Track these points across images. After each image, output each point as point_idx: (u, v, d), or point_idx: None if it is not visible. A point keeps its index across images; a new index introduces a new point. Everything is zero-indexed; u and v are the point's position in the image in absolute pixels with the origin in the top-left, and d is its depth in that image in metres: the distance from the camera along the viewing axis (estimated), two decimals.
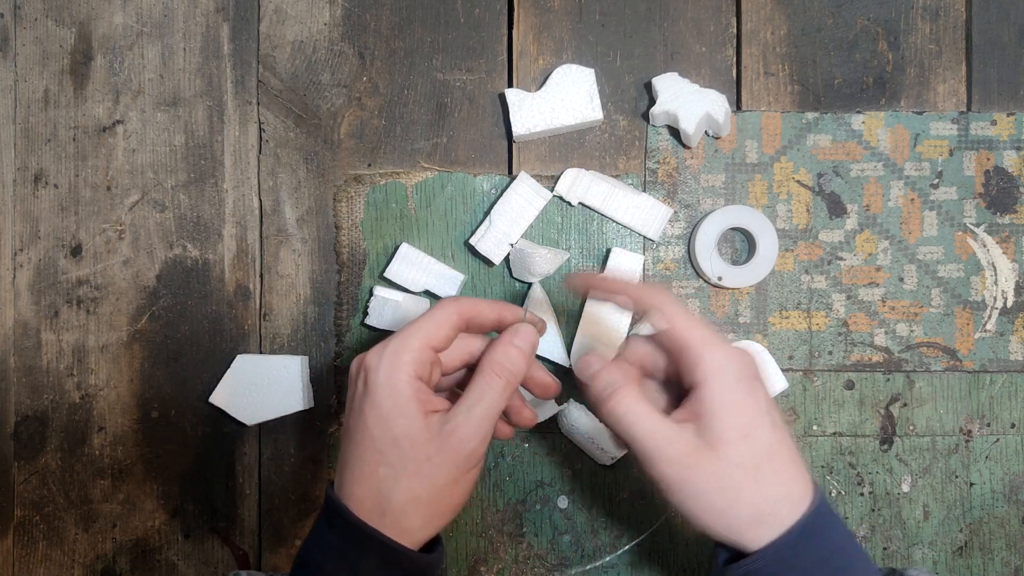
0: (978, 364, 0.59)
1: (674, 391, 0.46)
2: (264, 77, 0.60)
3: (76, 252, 0.60)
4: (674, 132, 0.59)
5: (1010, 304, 0.59)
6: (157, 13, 0.60)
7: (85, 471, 0.60)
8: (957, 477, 0.59)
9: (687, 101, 0.57)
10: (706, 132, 0.59)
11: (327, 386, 0.60)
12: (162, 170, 0.60)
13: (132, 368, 0.60)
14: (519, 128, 0.58)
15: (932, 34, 0.60)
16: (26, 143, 0.60)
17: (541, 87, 0.58)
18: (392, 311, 0.58)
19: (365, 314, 0.59)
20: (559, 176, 0.58)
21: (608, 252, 0.59)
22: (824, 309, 0.59)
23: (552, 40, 0.60)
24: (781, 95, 0.60)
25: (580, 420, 0.58)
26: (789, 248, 0.59)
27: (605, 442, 0.58)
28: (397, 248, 0.58)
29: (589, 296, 0.48)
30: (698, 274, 0.59)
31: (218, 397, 0.58)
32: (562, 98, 0.58)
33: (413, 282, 0.58)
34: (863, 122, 0.59)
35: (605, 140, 0.60)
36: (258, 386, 0.58)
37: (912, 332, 0.59)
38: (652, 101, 0.58)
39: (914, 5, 0.60)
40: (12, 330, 0.60)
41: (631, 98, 0.60)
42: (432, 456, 0.41)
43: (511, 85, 0.60)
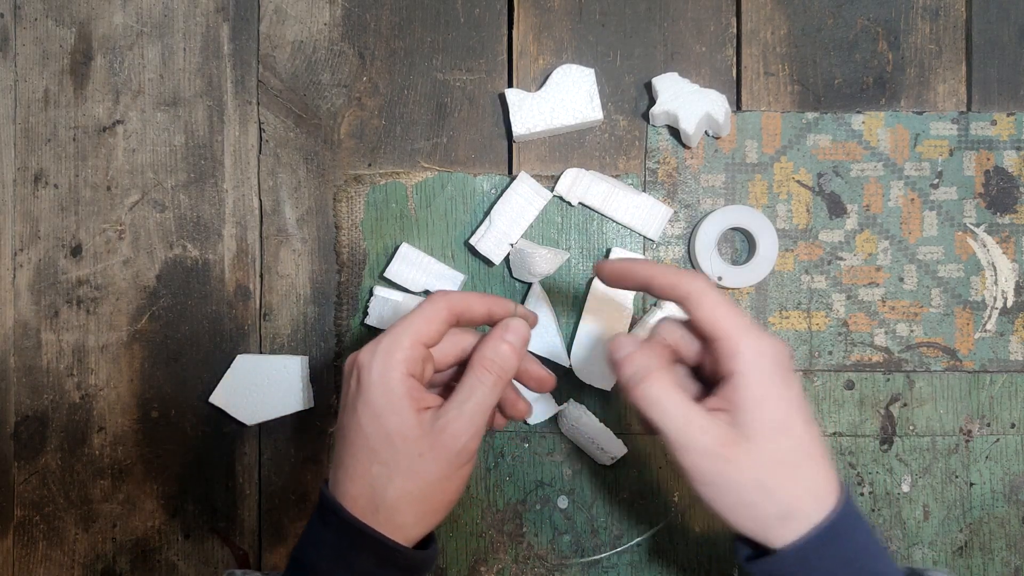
0: (978, 364, 0.59)
1: (705, 378, 0.45)
2: (264, 77, 0.60)
3: (76, 252, 0.60)
4: (674, 132, 0.59)
5: (1010, 304, 0.59)
6: (157, 13, 0.60)
7: (85, 471, 0.60)
8: (957, 477, 0.59)
9: (687, 101, 0.57)
10: (706, 132, 0.59)
11: (327, 386, 0.60)
12: (162, 170, 0.60)
13: (132, 368, 0.60)
14: (519, 128, 0.58)
15: (932, 34, 0.60)
16: (26, 143, 0.60)
17: (541, 87, 0.58)
18: (392, 311, 0.58)
19: (365, 314, 0.59)
20: (559, 176, 0.58)
21: (608, 252, 0.59)
22: (824, 309, 0.59)
23: (552, 40, 0.60)
24: (781, 95, 0.60)
25: (580, 420, 0.58)
26: (789, 248, 0.59)
27: (605, 442, 0.58)
28: (397, 248, 0.58)
29: (617, 284, 0.46)
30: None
31: (218, 397, 0.58)
32: (562, 98, 0.58)
33: (413, 282, 0.58)
34: (863, 122, 0.59)
35: (605, 140, 0.60)
36: (258, 386, 0.58)
37: (912, 332, 0.59)
38: (652, 101, 0.58)
39: (914, 5, 0.60)
40: (12, 330, 0.60)
41: (631, 98, 0.60)
42: (425, 453, 0.41)
43: (511, 85, 0.60)
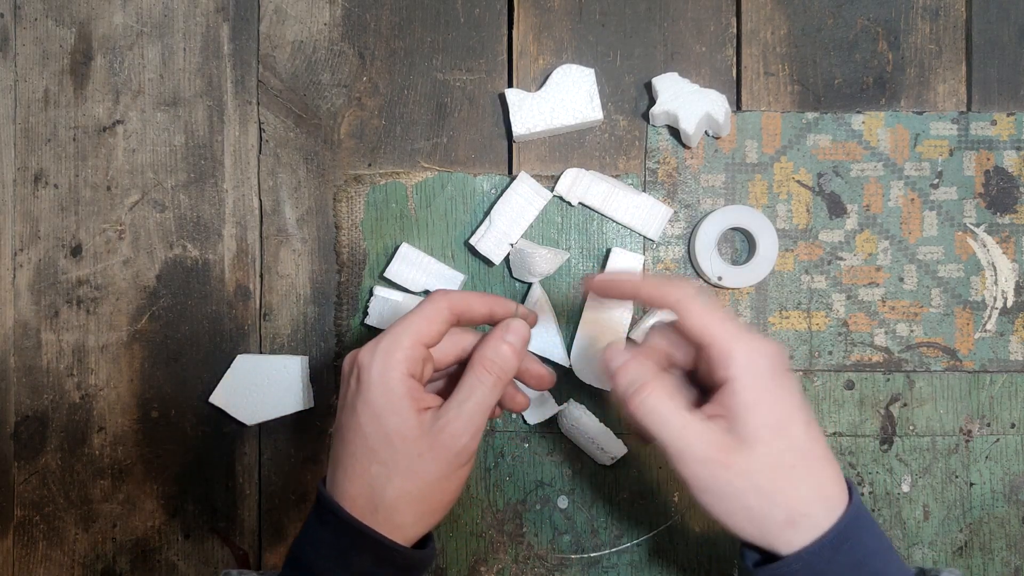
0: (978, 364, 0.59)
1: (699, 385, 0.45)
2: (264, 77, 0.60)
3: (76, 252, 0.60)
4: (674, 132, 0.59)
5: (1010, 304, 0.59)
6: (157, 13, 0.60)
7: (85, 471, 0.60)
8: (957, 477, 0.59)
9: (687, 101, 0.57)
10: (706, 132, 0.59)
11: (327, 386, 0.60)
12: (162, 170, 0.60)
13: (132, 368, 0.60)
14: (519, 128, 0.58)
15: (932, 34, 0.60)
16: (26, 143, 0.60)
17: (541, 87, 0.58)
18: (392, 311, 0.58)
19: (365, 314, 0.59)
20: (559, 176, 0.58)
21: (608, 252, 0.59)
22: (824, 309, 0.59)
23: (552, 40, 0.60)
24: (781, 95, 0.60)
25: (580, 420, 0.58)
26: (789, 248, 0.59)
27: (605, 442, 0.58)
28: (397, 248, 0.58)
29: (605, 297, 0.46)
30: (698, 274, 0.59)
31: (218, 397, 0.58)
32: (562, 98, 0.58)
33: (413, 282, 0.58)
34: (863, 122, 0.59)
35: (605, 140, 0.60)
36: (258, 386, 0.58)
37: (912, 332, 0.59)
38: (652, 101, 0.58)
39: (914, 5, 0.60)
40: (12, 330, 0.60)
41: (631, 98, 0.60)
42: (424, 453, 0.41)
43: (511, 85, 0.60)
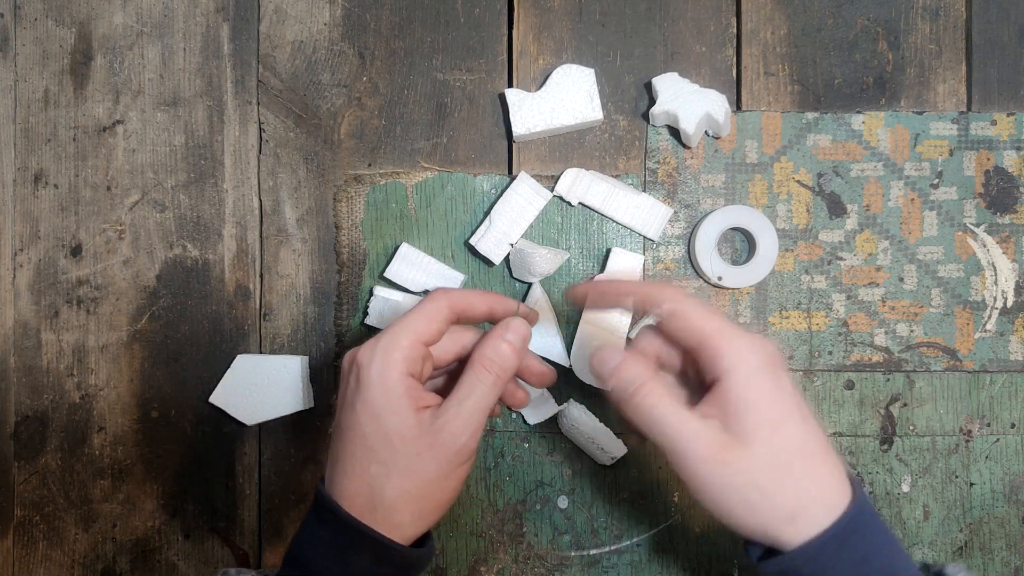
0: (978, 364, 0.59)
1: (691, 385, 0.44)
2: (264, 77, 0.60)
3: (76, 252, 0.60)
4: (674, 132, 0.59)
5: (1010, 304, 0.59)
6: (157, 13, 0.60)
7: (85, 471, 0.60)
8: (957, 477, 0.59)
9: (687, 101, 0.57)
10: (706, 132, 0.59)
11: (327, 386, 0.60)
12: (162, 170, 0.60)
13: (132, 368, 0.60)
14: (519, 128, 0.58)
15: (932, 34, 0.60)
16: (26, 143, 0.60)
17: (541, 87, 0.58)
18: (392, 311, 0.58)
19: (365, 314, 0.59)
20: (559, 176, 0.58)
21: (608, 252, 0.59)
22: (824, 309, 0.59)
23: (552, 40, 0.60)
24: (781, 95, 0.60)
25: (580, 420, 0.58)
26: (789, 248, 0.59)
27: (605, 442, 0.58)
28: (397, 248, 0.58)
29: (593, 306, 0.46)
30: (698, 274, 0.59)
31: (218, 397, 0.58)
32: (562, 98, 0.58)
33: (413, 282, 0.58)
34: (863, 122, 0.59)
35: (605, 140, 0.60)
36: (258, 386, 0.58)
37: (912, 332, 0.59)
38: (652, 101, 0.58)
39: (914, 5, 0.60)
40: (12, 330, 0.60)
41: (631, 98, 0.60)
42: (423, 452, 0.41)
43: (511, 85, 0.60)
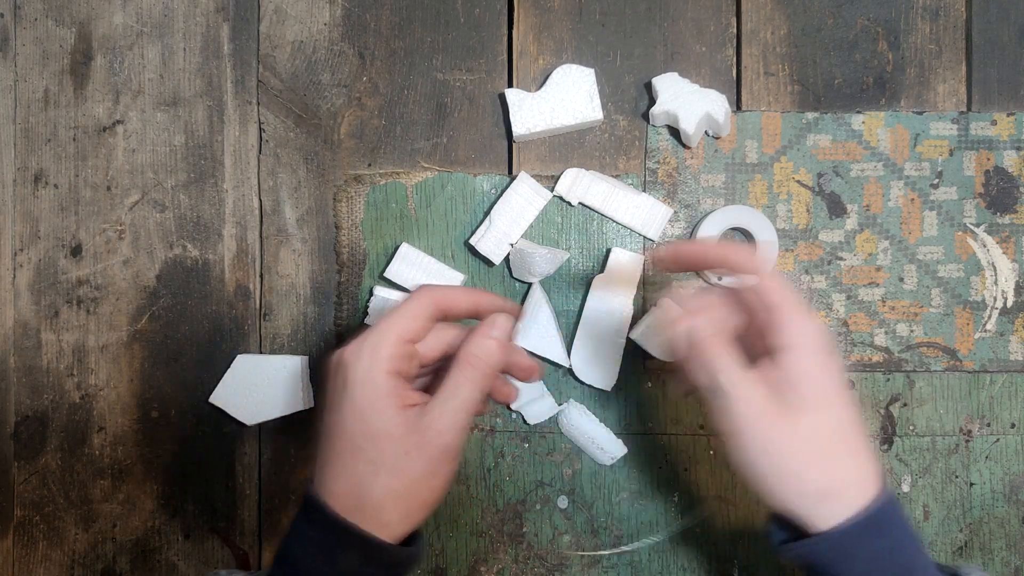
0: (978, 364, 0.59)
1: (747, 350, 0.45)
2: (264, 77, 0.60)
3: (76, 252, 0.60)
4: (674, 132, 0.59)
5: (1010, 304, 0.59)
6: (157, 13, 0.60)
7: (85, 471, 0.60)
8: (957, 477, 0.59)
9: (687, 101, 0.57)
10: (706, 132, 0.59)
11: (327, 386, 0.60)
12: (162, 170, 0.60)
13: (132, 368, 0.60)
14: (519, 128, 0.58)
15: (932, 34, 0.60)
16: (26, 143, 0.60)
17: (541, 87, 0.58)
18: None
19: (365, 314, 0.59)
20: (559, 176, 0.58)
21: (608, 252, 0.59)
22: (824, 309, 0.59)
23: (552, 40, 0.60)
24: (781, 95, 0.60)
25: (580, 420, 0.58)
26: (789, 248, 0.59)
27: (605, 442, 0.58)
28: (397, 248, 0.58)
29: (676, 268, 0.46)
30: (698, 274, 0.59)
31: (218, 397, 0.58)
32: (562, 98, 0.58)
33: (413, 282, 0.58)
34: (863, 122, 0.59)
35: (605, 140, 0.60)
36: (258, 386, 0.58)
37: (912, 332, 0.59)
38: (652, 101, 0.58)
39: (914, 5, 0.60)
40: (12, 330, 0.60)
41: (631, 98, 0.60)
42: (409, 450, 0.41)
43: (511, 85, 0.60)
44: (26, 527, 0.60)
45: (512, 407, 0.58)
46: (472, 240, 0.58)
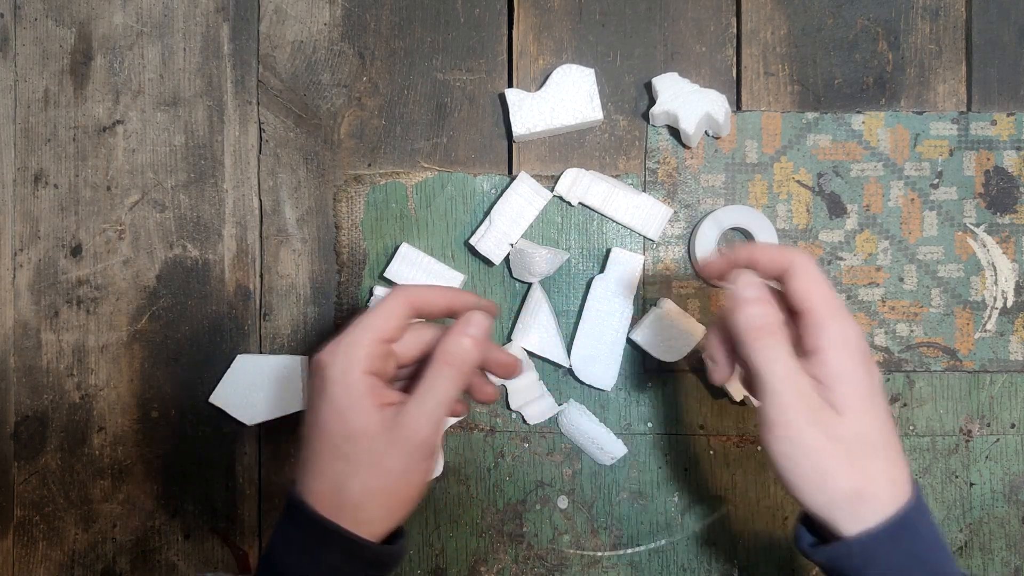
0: (978, 364, 0.59)
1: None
2: (264, 77, 0.60)
3: (76, 252, 0.60)
4: (674, 132, 0.59)
5: (1010, 304, 0.59)
6: (157, 13, 0.60)
7: (85, 471, 0.60)
8: (957, 477, 0.59)
9: (687, 101, 0.57)
10: (706, 132, 0.59)
11: None
12: (162, 170, 0.60)
13: (132, 368, 0.60)
14: (519, 128, 0.58)
15: (932, 34, 0.60)
16: (26, 143, 0.60)
17: (541, 87, 0.58)
18: None
19: None
20: (559, 176, 0.58)
21: (608, 252, 0.59)
22: None
23: (552, 40, 0.60)
24: (781, 95, 0.60)
25: (580, 420, 0.58)
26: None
27: (605, 442, 0.58)
28: (397, 248, 0.58)
29: (726, 277, 0.46)
30: (698, 274, 0.59)
31: (218, 397, 0.58)
32: (562, 98, 0.58)
33: (413, 282, 0.58)
34: (863, 122, 0.59)
35: (605, 140, 0.60)
36: (258, 386, 0.58)
37: (912, 332, 0.59)
38: (652, 101, 0.58)
39: (914, 5, 0.60)
40: (12, 330, 0.60)
41: (631, 98, 0.60)
42: (387, 448, 0.42)
43: (511, 85, 0.60)
44: (26, 527, 0.60)
45: (512, 407, 0.58)
46: (472, 240, 0.58)
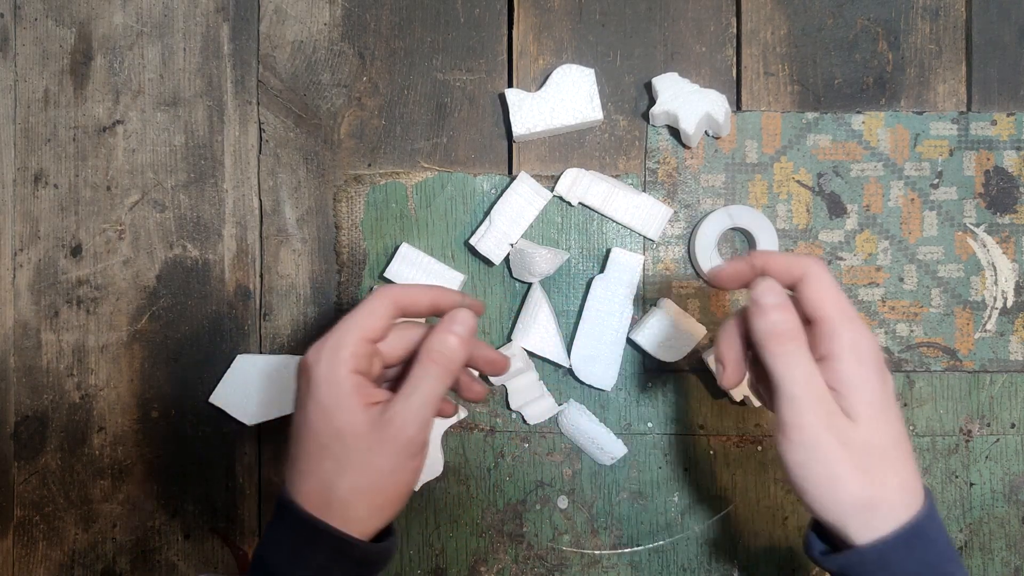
0: (978, 364, 0.59)
1: None
2: (264, 77, 0.60)
3: (76, 252, 0.60)
4: (674, 132, 0.59)
5: (1010, 304, 0.59)
6: (157, 13, 0.60)
7: (85, 471, 0.60)
8: (957, 477, 0.59)
9: (687, 101, 0.57)
10: (706, 132, 0.59)
11: None
12: (162, 170, 0.60)
13: (132, 368, 0.60)
14: (519, 128, 0.58)
15: (932, 34, 0.60)
16: (26, 143, 0.60)
17: (541, 87, 0.58)
18: None
19: None
20: (559, 176, 0.58)
21: (608, 252, 0.59)
22: None
23: (552, 40, 0.60)
24: (781, 95, 0.60)
25: (580, 420, 0.58)
26: (789, 248, 0.59)
27: (605, 442, 0.58)
28: (397, 248, 0.58)
29: (736, 287, 0.46)
30: (698, 274, 0.59)
31: (218, 397, 0.58)
32: (562, 98, 0.58)
33: (413, 282, 0.58)
34: (863, 122, 0.59)
35: (605, 140, 0.60)
36: (258, 386, 0.58)
37: (912, 332, 0.59)
38: (652, 101, 0.58)
39: (914, 5, 0.60)
40: (12, 330, 0.60)
41: (631, 98, 0.60)
42: (373, 447, 0.42)
43: (511, 85, 0.60)
44: (26, 527, 0.60)
45: (512, 407, 0.58)
46: (472, 240, 0.58)
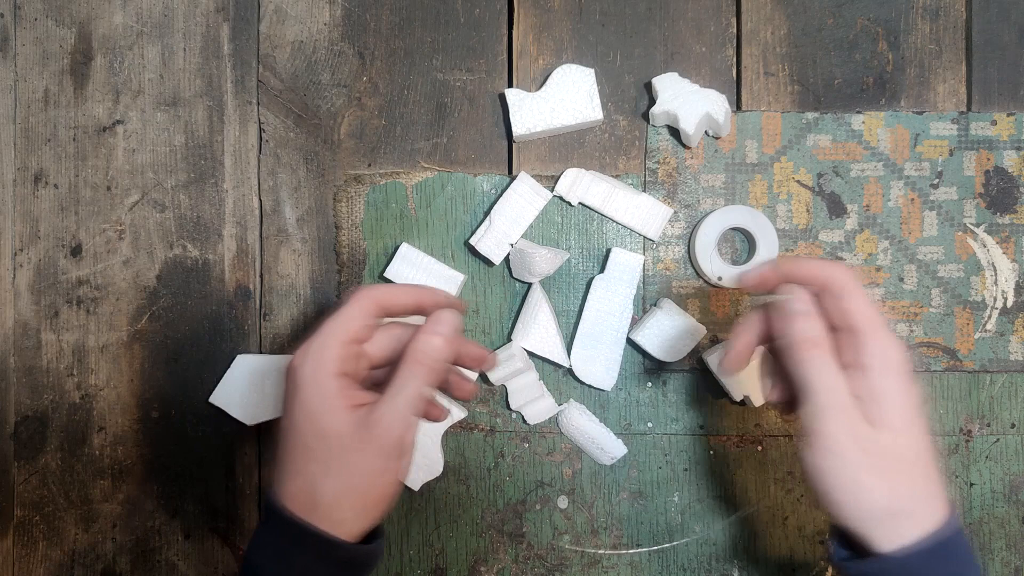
0: (978, 364, 0.59)
1: None
2: (264, 77, 0.60)
3: (76, 252, 0.60)
4: (674, 132, 0.59)
5: (1010, 304, 0.59)
6: (157, 13, 0.60)
7: (85, 471, 0.60)
8: (957, 477, 0.59)
9: (687, 101, 0.57)
10: (706, 132, 0.59)
11: None
12: (162, 170, 0.60)
13: (132, 368, 0.60)
14: (519, 128, 0.58)
15: (932, 34, 0.60)
16: (26, 143, 0.60)
17: (541, 87, 0.58)
18: None
19: None
20: (559, 176, 0.58)
21: (608, 252, 0.59)
22: None
23: (552, 40, 0.60)
24: (781, 95, 0.60)
25: (580, 420, 0.58)
26: (789, 248, 0.59)
27: (605, 442, 0.58)
28: (397, 248, 0.58)
29: (766, 290, 0.46)
30: (698, 274, 0.59)
31: (218, 397, 0.58)
32: (562, 98, 0.58)
33: (413, 282, 0.58)
34: (863, 122, 0.59)
35: (605, 140, 0.60)
36: (258, 386, 0.58)
37: (912, 332, 0.59)
38: (652, 101, 0.58)
39: (914, 5, 0.60)
40: (12, 330, 0.60)
41: (631, 98, 0.60)
42: (359, 448, 0.42)
43: (511, 85, 0.60)
44: (26, 527, 0.60)
45: (512, 407, 0.58)
46: (472, 240, 0.58)
